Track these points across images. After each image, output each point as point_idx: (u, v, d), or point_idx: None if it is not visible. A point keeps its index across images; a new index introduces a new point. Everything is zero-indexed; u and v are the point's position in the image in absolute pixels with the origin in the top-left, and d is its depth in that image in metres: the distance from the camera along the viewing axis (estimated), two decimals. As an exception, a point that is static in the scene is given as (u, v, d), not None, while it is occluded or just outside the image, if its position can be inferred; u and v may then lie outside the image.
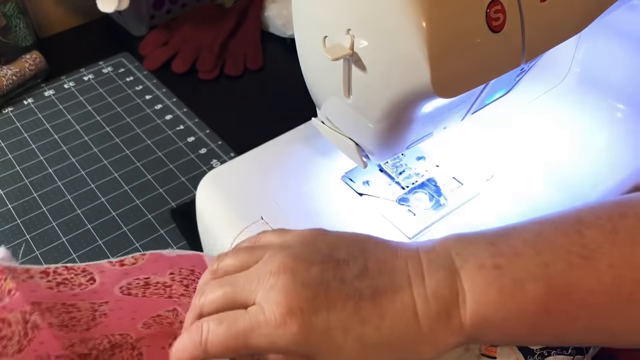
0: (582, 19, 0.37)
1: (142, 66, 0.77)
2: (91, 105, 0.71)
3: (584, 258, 0.30)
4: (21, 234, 0.56)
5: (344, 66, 0.36)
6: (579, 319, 0.30)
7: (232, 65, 0.76)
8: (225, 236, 0.45)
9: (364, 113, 0.38)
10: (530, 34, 0.34)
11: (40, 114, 0.69)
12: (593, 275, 0.29)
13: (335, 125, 0.44)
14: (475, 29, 0.31)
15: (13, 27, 0.73)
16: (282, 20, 0.80)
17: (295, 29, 0.40)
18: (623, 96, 0.54)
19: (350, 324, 0.29)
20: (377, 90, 0.35)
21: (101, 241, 0.56)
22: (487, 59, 0.33)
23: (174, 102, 0.72)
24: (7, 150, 0.65)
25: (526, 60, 0.34)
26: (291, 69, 0.56)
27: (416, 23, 0.30)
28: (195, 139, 0.67)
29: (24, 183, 0.61)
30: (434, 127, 0.43)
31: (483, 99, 0.44)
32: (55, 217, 0.58)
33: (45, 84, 0.74)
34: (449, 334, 0.30)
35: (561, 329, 0.30)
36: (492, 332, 0.30)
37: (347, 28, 0.34)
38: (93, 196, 0.60)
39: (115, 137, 0.67)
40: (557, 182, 0.49)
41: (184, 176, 0.62)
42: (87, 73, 0.76)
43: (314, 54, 0.39)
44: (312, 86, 0.43)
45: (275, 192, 0.47)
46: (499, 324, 0.30)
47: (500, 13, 0.32)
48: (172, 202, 0.60)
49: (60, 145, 0.66)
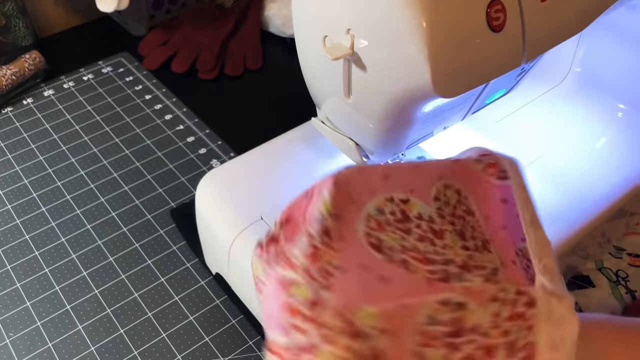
0: (583, 18, 0.37)
1: (142, 66, 0.77)
2: (91, 105, 0.71)
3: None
4: (20, 234, 0.56)
5: (344, 66, 0.36)
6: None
7: (232, 65, 0.76)
8: (225, 236, 0.45)
9: (364, 113, 0.38)
10: (530, 33, 0.33)
11: (40, 114, 0.69)
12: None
13: (335, 125, 0.44)
14: (476, 29, 0.31)
15: (12, 26, 0.73)
16: (282, 20, 0.80)
17: (295, 29, 0.40)
18: (623, 96, 0.54)
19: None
20: (378, 90, 0.35)
21: (100, 241, 0.56)
22: (488, 59, 0.33)
23: (173, 102, 0.72)
24: (7, 150, 0.65)
25: (527, 60, 0.34)
26: (291, 69, 0.56)
27: (417, 23, 0.30)
28: (195, 139, 0.67)
29: (23, 183, 0.61)
30: (434, 126, 0.43)
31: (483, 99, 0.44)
32: (54, 218, 0.58)
33: (45, 83, 0.74)
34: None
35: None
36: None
37: (347, 28, 0.34)
38: (92, 196, 0.60)
39: (115, 137, 0.67)
40: (558, 182, 0.49)
41: (183, 176, 0.62)
42: (86, 73, 0.76)
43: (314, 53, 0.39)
44: (312, 86, 0.43)
45: (275, 192, 0.46)
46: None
47: (501, 13, 0.32)
48: (171, 202, 0.60)
49: (59, 145, 0.66)
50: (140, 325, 0.49)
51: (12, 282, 0.52)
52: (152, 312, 0.50)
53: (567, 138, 0.53)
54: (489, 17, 0.31)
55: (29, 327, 0.49)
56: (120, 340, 0.48)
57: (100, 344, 0.48)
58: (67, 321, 0.50)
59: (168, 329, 0.49)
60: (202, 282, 0.53)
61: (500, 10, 0.32)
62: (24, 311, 0.50)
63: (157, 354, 0.47)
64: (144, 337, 0.49)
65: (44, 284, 0.52)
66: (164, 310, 0.50)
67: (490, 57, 0.33)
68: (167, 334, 0.49)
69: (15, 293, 0.51)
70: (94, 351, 0.48)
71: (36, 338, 0.48)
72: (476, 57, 0.32)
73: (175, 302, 0.51)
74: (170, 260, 0.54)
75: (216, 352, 0.48)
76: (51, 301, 0.51)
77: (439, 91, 0.31)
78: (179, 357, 0.47)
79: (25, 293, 0.51)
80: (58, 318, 0.50)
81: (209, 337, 0.49)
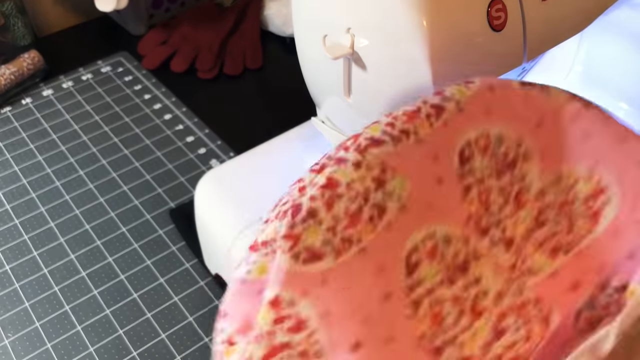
0: (584, 17, 0.37)
1: (141, 65, 0.76)
2: (90, 105, 0.71)
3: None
4: (19, 235, 0.56)
5: (344, 65, 0.36)
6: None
7: (232, 65, 0.76)
8: (225, 236, 0.45)
9: (364, 112, 0.38)
10: (531, 32, 0.33)
11: (39, 114, 0.69)
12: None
13: (335, 125, 0.44)
14: (477, 28, 0.31)
15: (11, 26, 0.73)
16: (282, 19, 0.80)
17: (295, 28, 0.40)
18: (625, 95, 0.54)
19: None
20: (378, 89, 0.35)
21: (100, 241, 0.56)
22: (489, 58, 0.33)
23: (173, 101, 0.71)
24: (6, 150, 0.65)
25: (527, 59, 0.34)
26: (291, 69, 0.56)
27: (417, 22, 0.29)
28: (195, 139, 0.67)
29: (22, 183, 0.61)
30: (434, 126, 0.43)
31: (484, 99, 0.44)
32: (53, 218, 0.58)
33: (44, 83, 0.73)
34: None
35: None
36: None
37: (347, 27, 0.33)
38: (91, 196, 0.60)
39: (114, 137, 0.67)
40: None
41: (183, 176, 0.62)
42: (85, 72, 0.75)
43: (314, 53, 0.38)
44: (311, 85, 0.43)
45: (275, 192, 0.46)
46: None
47: (502, 12, 0.32)
48: (171, 202, 0.59)
49: (58, 145, 0.65)
50: (139, 326, 0.49)
51: (11, 282, 0.52)
52: (151, 312, 0.50)
53: (568, 137, 0.52)
54: (490, 16, 0.31)
55: (27, 327, 0.49)
56: (120, 341, 0.48)
57: (99, 345, 0.48)
58: (66, 322, 0.49)
59: (167, 330, 0.49)
60: (201, 283, 0.52)
61: (501, 10, 0.32)
62: (22, 312, 0.50)
63: (157, 355, 0.47)
64: (143, 337, 0.48)
65: (42, 284, 0.52)
66: (163, 311, 0.50)
67: (491, 57, 0.33)
68: (166, 335, 0.49)
69: (14, 294, 0.51)
70: (93, 352, 0.47)
71: (35, 339, 0.48)
72: (477, 57, 0.32)
73: (174, 302, 0.51)
74: (169, 261, 0.54)
75: (216, 353, 0.48)
76: (50, 302, 0.51)
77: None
78: (179, 357, 0.47)
79: (24, 294, 0.51)
80: (57, 319, 0.50)
81: (209, 337, 0.49)
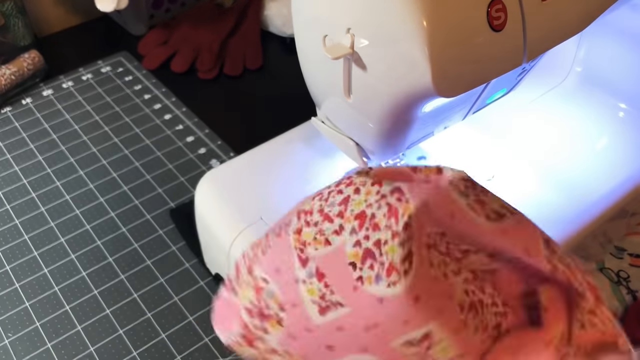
0: (584, 18, 0.37)
1: (141, 65, 0.76)
2: (90, 105, 0.71)
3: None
4: (19, 235, 0.56)
5: (344, 65, 0.36)
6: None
7: (232, 65, 0.76)
8: (225, 236, 0.45)
9: (365, 113, 0.38)
10: (531, 33, 0.33)
11: (39, 114, 0.69)
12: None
13: (336, 125, 0.44)
14: (477, 28, 0.31)
15: (11, 26, 0.73)
16: (282, 19, 0.80)
17: (295, 28, 0.40)
18: (625, 95, 0.54)
19: None
20: (378, 89, 0.35)
21: (100, 241, 0.56)
22: (488, 58, 0.33)
23: (173, 101, 0.71)
24: (6, 150, 0.65)
25: (527, 60, 0.34)
26: (291, 69, 0.56)
27: (417, 22, 0.29)
28: (195, 139, 0.67)
29: (22, 183, 0.61)
30: (434, 126, 0.43)
31: (484, 99, 0.44)
32: (53, 218, 0.58)
33: (44, 83, 0.73)
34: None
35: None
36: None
37: (347, 27, 0.33)
38: (92, 196, 0.60)
39: (114, 137, 0.67)
40: (559, 182, 0.49)
41: (183, 176, 0.62)
42: (85, 72, 0.75)
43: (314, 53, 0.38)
44: (312, 86, 0.43)
45: (275, 192, 0.46)
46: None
47: (502, 12, 0.32)
48: (171, 202, 0.59)
49: (58, 145, 0.65)
50: (139, 326, 0.49)
51: (11, 282, 0.52)
52: (151, 312, 0.50)
53: (568, 138, 0.52)
54: (490, 16, 0.31)
55: (28, 327, 0.49)
56: (120, 340, 0.48)
57: (99, 345, 0.48)
58: (66, 322, 0.49)
59: (167, 330, 0.49)
60: (201, 283, 0.52)
61: (501, 10, 0.32)
62: (23, 312, 0.50)
63: (157, 355, 0.47)
64: (144, 337, 0.48)
65: (43, 284, 0.52)
66: (164, 311, 0.50)
67: (491, 57, 0.33)
68: (166, 335, 0.49)
69: (14, 293, 0.51)
70: (93, 352, 0.47)
71: (35, 339, 0.48)
72: (477, 57, 0.32)
73: (174, 302, 0.51)
74: (169, 261, 0.54)
75: (216, 352, 0.48)
76: (50, 302, 0.51)
77: (439, 91, 0.31)
78: (179, 357, 0.47)
79: (25, 293, 0.51)
80: (57, 319, 0.50)
81: (209, 337, 0.49)
